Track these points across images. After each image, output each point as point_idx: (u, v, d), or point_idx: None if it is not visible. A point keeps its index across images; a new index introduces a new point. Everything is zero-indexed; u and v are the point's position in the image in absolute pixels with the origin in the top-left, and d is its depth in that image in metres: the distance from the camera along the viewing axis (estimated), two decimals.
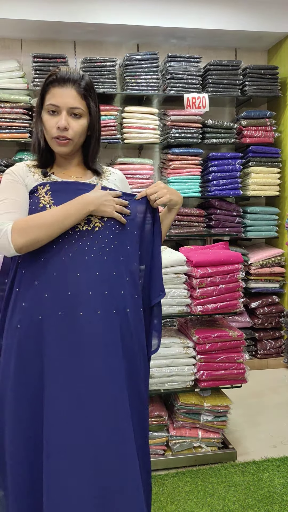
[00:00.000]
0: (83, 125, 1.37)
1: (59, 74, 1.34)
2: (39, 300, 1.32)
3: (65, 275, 1.31)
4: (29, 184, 1.38)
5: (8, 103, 3.41)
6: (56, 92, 1.33)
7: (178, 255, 2.34)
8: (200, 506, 2.08)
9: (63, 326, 1.30)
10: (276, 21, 3.71)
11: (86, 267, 1.32)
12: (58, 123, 1.33)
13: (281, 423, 2.86)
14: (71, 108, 1.34)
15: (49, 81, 1.35)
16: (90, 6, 3.45)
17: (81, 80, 1.35)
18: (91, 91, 1.38)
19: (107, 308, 1.34)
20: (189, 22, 3.60)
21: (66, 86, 1.33)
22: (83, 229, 1.35)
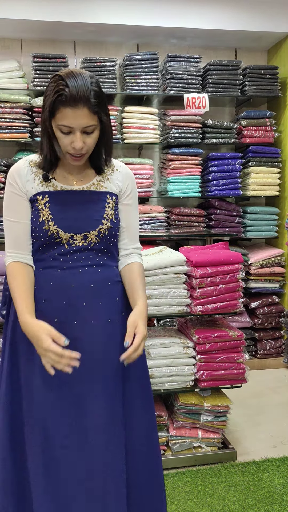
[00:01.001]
0: (96, 137, 1.36)
1: (69, 92, 1.24)
2: (37, 304, 1.39)
3: (60, 286, 1.38)
4: (30, 191, 1.40)
5: (8, 103, 3.41)
6: (67, 113, 1.26)
7: (178, 255, 2.34)
8: (200, 506, 2.08)
9: (60, 332, 1.33)
10: (276, 21, 3.71)
11: (80, 280, 1.39)
12: (74, 144, 1.30)
13: (281, 423, 2.86)
14: (85, 127, 1.30)
15: (58, 100, 1.26)
16: (90, 6, 3.45)
17: (91, 95, 1.27)
18: (102, 102, 1.32)
19: (102, 318, 1.41)
20: (189, 22, 3.60)
21: (78, 107, 1.26)
22: (80, 244, 1.40)
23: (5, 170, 3.45)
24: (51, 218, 1.37)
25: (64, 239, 1.39)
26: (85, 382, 1.38)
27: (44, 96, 1.32)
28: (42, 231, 1.38)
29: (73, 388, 1.37)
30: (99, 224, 1.41)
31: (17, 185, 1.40)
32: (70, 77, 1.26)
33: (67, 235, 1.38)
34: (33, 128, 3.49)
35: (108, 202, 1.45)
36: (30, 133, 3.48)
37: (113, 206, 1.46)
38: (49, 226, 1.37)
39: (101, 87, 1.34)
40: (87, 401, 1.38)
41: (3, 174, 3.44)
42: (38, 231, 1.39)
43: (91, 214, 1.41)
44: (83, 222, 1.40)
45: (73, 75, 1.27)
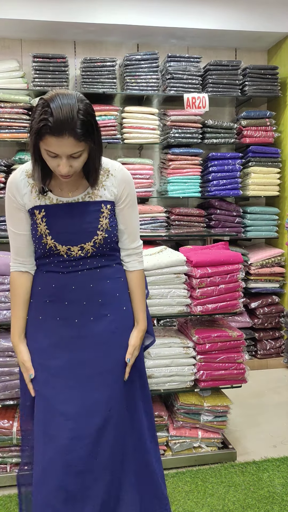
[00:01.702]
0: (84, 159, 1.35)
1: (52, 122, 1.21)
2: (41, 303, 1.51)
3: (62, 288, 1.48)
4: (27, 205, 1.47)
5: (8, 103, 3.41)
6: (52, 142, 1.25)
7: (178, 255, 2.34)
8: (200, 506, 2.08)
9: (61, 329, 1.49)
10: (276, 21, 3.71)
11: (80, 281, 1.47)
12: (59, 168, 1.31)
13: (281, 423, 2.86)
14: (71, 154, 1.29)
15: (43, 129, 1.23)
16: (90, 6, 3.45)
17: (76, 124, 1.23)
18: (89, 128, 1.27)
19: (100, 313, 1.51)
20: (189, 22, 3.60)
21: (62, 136, 1.23)
22: (77, 255, 1.47)
23: (5, 170, 3.45)
24: (48, 232, 1.45)
25: (62, 251, 1.46)
26: (87, 375, 1.47)
27: (31, 117, 1.29)
28: (41, 244, 1.46)
29: (75, 382, 1.46)
30: (93, 235, 1.47)
31: (15, 199, 1.46)
32: (56, 104, 1.22)
33: (64, 248, 1.46)
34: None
35: (102, 211, 1.48)
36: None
37: (108, 215, 1.49)
38: (47, 240, 1.45)
39: (90, 112, 1.28)
40: (89, 391, 1.47)
41: (3, 174, 3.44)
42: (37, 244, 1.48)
43: (86, 226, 1.46)
44: (78, 235, 1.45)
45: (59, 102, 1.22)
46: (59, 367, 1.47)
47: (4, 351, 2.20)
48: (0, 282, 2.21)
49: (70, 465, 1.39)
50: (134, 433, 1.58)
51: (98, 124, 1.34)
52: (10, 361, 2.19)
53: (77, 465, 1.40)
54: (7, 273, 2.20)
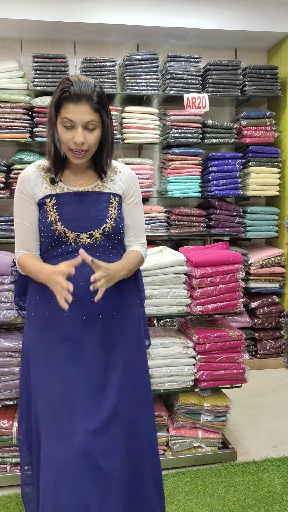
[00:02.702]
0: (97, 136, 1.45)
1: (73, 90, 1.37)
2: (48, 299, 1.51)
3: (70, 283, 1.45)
4: (38, 195, 1.51)
5: (8, 103, 3.41)
6: (70, 108, 1.39)
7: (178, 255, 2.34)
8: (200, 506, 2.08)
9: (68, 326, 1.50)
10: (276, 21, 3.71)
11: (88, 277, 1.43)
12: (75, 138, 1.40)
13: (281, 423, 2.86)
14: (86, 123, 1.40)
15: (63, 96, 1.39)
16: (90, 6, 3.45)
17: (93, 94, 1.39)
18: (103, 102, 1.43)
19: (107, 312, 1.53)
20: (189, 22, 3.60)
21: (80, 103, 1.38)
22: (86, 243, 1.50)
23: (5, 170, 3.45)
24: (58, 218, 1.48)
25: (71, 238, 1.49)
26: (94, 371, 1.49)
27: (52, 97, 1.44)
28: (50, 231, 1.49)
29: (81, 376, 1.48)
30: (103, 223, 1.51)
31: (25, 191, 1.52)
32: (76, 79, 1.40)
33: (73, 234, 1.48)
34: (33, 128, 3.49)
35: (111, 202, 1.54)
36: (30, 133, 3.48)
37: (116, 206, 1.55)
38: (56, 226, 1.48)
39: (104, 92, 1.45)
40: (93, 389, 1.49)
41: (3, 174, 3.44)
42: (46, 231, 1.50)
43: (96, 214, 1.51)
44: (88, 222, 1.49)
45: (78, 78, 1.41)
46: (66, 364, 1.48)
47: (4, 351, 2.20)
48: (0, 282, 2.21)
49: (89, 466, 1.40)
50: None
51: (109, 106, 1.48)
52: (10, 361, 2.19)
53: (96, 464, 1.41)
54: (7, 273, 2.20)
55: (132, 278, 1.65)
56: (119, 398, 1.51)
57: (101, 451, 1.43)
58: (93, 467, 1.41)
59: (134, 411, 1.57)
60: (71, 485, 1.37)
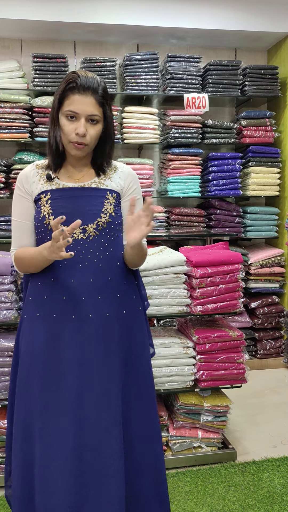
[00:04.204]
0: (99, 130, 1.44)
1: (79, 81, 1.38)
2: (39, 299, 1.48)
3: (60, 281, 1.44)
4: (34, 192, 1.50)
5: (8, 103, 3.41)
6: (76, 99, 1.39)
7: (178, 255, 2.34)
8: (200, 506, 2.08)
9: (58, 327, 1.44)
10: (276, 21, 3.71)
11: (80, 274, 1.44)
12: (78, 129, 1.39)
13: (281, 423, 2.86)
14: (90, 115, 1.40)
15: (69, 87, 1.39)
16: (90, 6, 3.45)
17: (99, 88, 1.41)
18: (107, 97, 1.44)
19: (100, 312, 1.46)
20: (189, 22, 3.60)
21: (86, 95, 1.39)
22: (79, 238, 1.45)
23: (5, 170, 3.45)
24: (51, 212, 1.45)
25: None
26: (83, 375, 1.42)
27: (57, 89, 1.44)
28: (43, 225, 1.46)
29: (69, 381, 1.41)
30: (97, 217, 1.46)
31: (23, 188, 1.51)
32: (83, 73, 1.42)
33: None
34: (33, 128, 3.49)
35: (107, 198, 1.50)
36: (30, 133, 3.48)
37: (113, 202, 1.51)
38: (49, 221, 1.45)
39: (107, 89, 1.46)
40: (84, 395, 1.41)
41: (3, 174, 3.44)
42: (39, 227, 1.47)
43: (90, 208, 1.47)
44: (81, 216, 1.43)
45: (85, 73, 1.43)
46: (57, 366, 1.42)
47: (4, 351, 2.20)
48: (0, 282, 2.21)
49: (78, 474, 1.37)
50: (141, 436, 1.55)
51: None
52: (10, 361, 2.19)
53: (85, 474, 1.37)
54: (7, 273, 2.20)
55: (134, 283, 1.59)
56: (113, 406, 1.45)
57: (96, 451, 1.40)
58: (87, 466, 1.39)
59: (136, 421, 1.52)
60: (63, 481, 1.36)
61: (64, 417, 1.40)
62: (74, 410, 1.40)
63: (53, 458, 1.38)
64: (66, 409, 1.40)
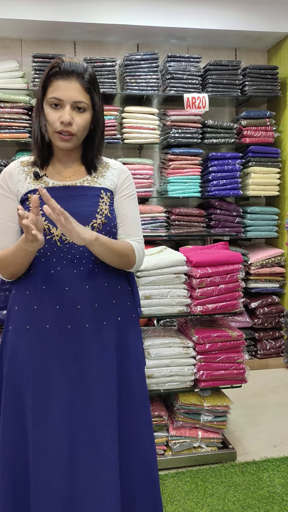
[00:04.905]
0: (87, 119, 1.32)
1: (63, 66, 1.27)
2: (29, 310, 1.34)
3: (53, 289, 1.32)
4: (20, 191, 1.37)
5: (8, 103, 3.41)
6: (59, 85, 1.28)
7: (178, 255, 2.34)
8: (200, 506, 2.08)
9: (51, 339, 1.32)
10: (276, 21, 3.71)
11: (75, 281, 1.32)
12: (62, 117, 1.28)
13: (281, 423, 2.86)
14: (75, 102, 1.29)
15: (51, 72, 1.29)
16: (90, 6, 3.45)
17: (85, 73, 1.30)
18: (95, 84, 1.33)
19: (96, 321, 1.35)
20: (189, 22, 3.60)
21: (70, 79, 1.27)
22: (72, 241, 1.28)
23: None
24: (41, 214, 1.30)
25: (56, 235, 1.32)
26: (79, 387, 1.33)
27: (41, 77, 1.34)
28: None
29: (66, 394, 1.32)
30: (92, 219, 1.35)
31: (7, 187, 1.38)
32: (68, 58, 1.32)
33: (58, 231, 1.32)
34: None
35: (102, 197, 1.39)
36: (30, 133, 3.48)
37: (108, 202, 1.39)
38: None
39: (95, 74, 1.35)
40: (81, 407, 1.33)
41: None
42: None
43: (84, 209, 1.35)
44: (74, 217, 1.27)
45: (70, 58, 1.32)
46: (49, 381, 1.32)
47: None
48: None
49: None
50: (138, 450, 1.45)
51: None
52: None
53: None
54: None
55: (128, 288, 1.49)
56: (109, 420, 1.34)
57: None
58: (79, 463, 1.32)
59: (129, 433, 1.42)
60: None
61: (57, 439, 1.31)
62: (68, 432, 1.31)
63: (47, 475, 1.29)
64: (59, 433, 1.31)
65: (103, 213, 1.37)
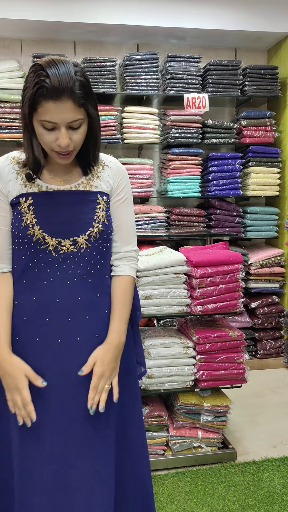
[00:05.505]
0: (84, 132, 1.22)
1: (50, 84, 1.10)
2: (17, 321, 1.29)
3: (44, 301, 1.26)
4: (11, 193, 1.28)
5: (8, 103, 3.41)
6: (50, 108, 1.12)
7: (178, 255, 2.34)
8: (200, 506, 2.08)
9: (40, 352, 1.27)
10: (276, 21, 3.71)
11: (67, 293, 1.26)
12: (59, 140, 1.17)
13: (281, 423, 2.86)
14: (70, 122, 1.16)
15: (38, 93, 1.12)
16: (90, 6, 3.45)
17: (75, 86, 1.13)
18: (88, 92, 1.18)
19: (88, 333, 1.29)
20: (189, 22, 3.60)
21: (61, 99, 1.12)
22: (68, 251, 1.26)
23: None
24: (35, 222, 1.24)
25: (51, 245, 1.25)
26: (70, 401, 1.28)
27: (24, 88, 1.16)
28: (26, 236, 1.25)
29: (56, 409, 1.27)
30: (89, 227, 1.28)
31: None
32: (51, 66, 1.12)
33: (54, 241, 1.25)
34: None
35: (98, 202, 1.31)
36: None
37: (105, 207, 1.32)
38: (33, 231, 1.24)
39: (87, 76, 1.18)
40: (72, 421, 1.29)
41: None
42: (21, 237, 1.26)
43: (81, 217, 1.28)
44: (71, 226, 1.26)
45: (54, 64, 1.12)
46: (40, 396, 1.26)
47: None
48: None
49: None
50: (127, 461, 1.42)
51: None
52: None
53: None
54: None
55: None
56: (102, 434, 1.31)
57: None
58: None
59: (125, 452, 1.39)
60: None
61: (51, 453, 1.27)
62: (62, 444, 1.27)
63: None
64: (53, 445, 1.27)
65: (100, 221, 1.30)
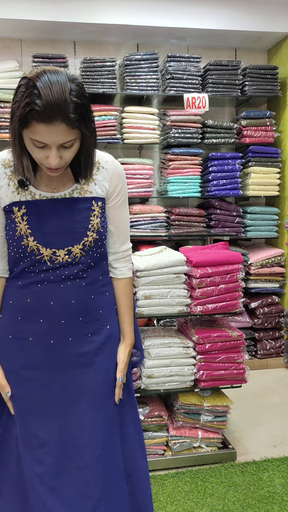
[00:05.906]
0: (76, 149, 1.17)
1: (42, 105, 1.03)
2: (12, 320, 1.30)
3: (38, 303, 1.27)
4: (3, 200, 1.26)
5: (8, 103, 3.41)
6: (41, 130, 1.07)
7: (178, 255, 2.34)
8: (200, 506, 2.08)
9: (34, 350, 1.29)
10: (276, 21, 3.71)
11: (61, 296, 1.27)
12: (49, 160, 1.13)
13: (281, 423, 2.86)
14: (62, 144, 1.12)
15: (29, 113, 1.05)
16: (90, 6, 3.45)
17: (69, 108, 1.06)
18: (84, 112, 1.11)
19: (80, 333, 1.30)
20: (189, 22, 3.60)
21: (53, 123, 1.05)
22: (63, 260, 1.26)
23: None
24: (29, 233, 1.23)
25: (45, 255, 1.25)
26: (68, 402, 1.30)
27: (13, 101, 1.09)
28: (20, 247, 1.25)
29: (54, 411, 1.29)
30: (83, 236, 1.27)
31: None
32: (44, 83, 1.04)
33: (48, 251, 1.25)
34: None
35: (93, 209, 1.29)
36: None
37: (99, 213, 1.31)
38: (28, 242, 1.24)
39: (84, 94, 1.10)
40: (73, 424, 1.30)
41: None
42: (16, 246, 1.26)
43: (75, 226, 1.26)
44: (66, 236, 1.25)
45: (47, 81, 1.04)
46: (33, 393, 1.29)
47: None
48: None
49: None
50: (126, 460, 1.41)
51: (91, 108, 1.16)
52: None
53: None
54: None
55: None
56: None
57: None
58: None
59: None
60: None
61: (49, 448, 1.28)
62: (59, 443, 1.28)
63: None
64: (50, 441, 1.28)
65: (94, 229, 1.29)
